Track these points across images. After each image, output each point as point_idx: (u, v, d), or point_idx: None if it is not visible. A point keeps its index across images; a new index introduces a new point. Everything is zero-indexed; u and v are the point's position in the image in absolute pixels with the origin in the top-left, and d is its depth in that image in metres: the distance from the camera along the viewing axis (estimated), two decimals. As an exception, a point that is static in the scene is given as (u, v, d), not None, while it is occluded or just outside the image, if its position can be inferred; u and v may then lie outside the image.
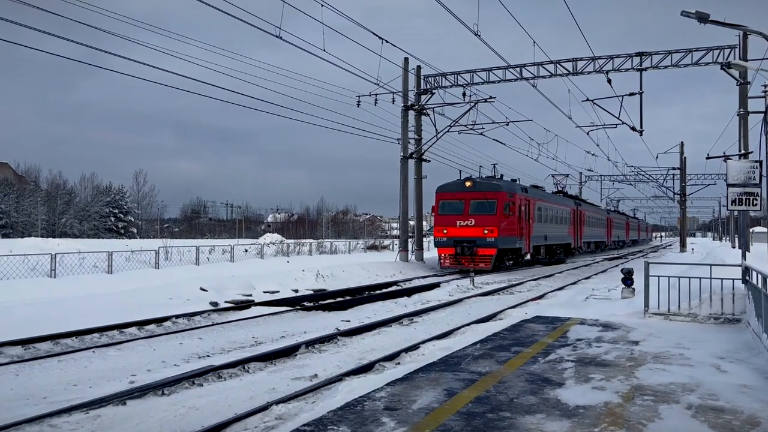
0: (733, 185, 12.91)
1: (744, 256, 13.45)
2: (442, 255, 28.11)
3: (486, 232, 27.06)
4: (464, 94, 29.65)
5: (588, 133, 33.24)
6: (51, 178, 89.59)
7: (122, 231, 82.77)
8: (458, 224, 27.77)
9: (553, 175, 47.42)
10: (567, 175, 47.85)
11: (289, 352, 10.11)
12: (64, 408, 6.85)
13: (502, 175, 31.43)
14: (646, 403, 5.92)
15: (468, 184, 28.38)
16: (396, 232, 74.82)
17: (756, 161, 13.74)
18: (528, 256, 32.07)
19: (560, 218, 38.88)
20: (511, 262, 29.88)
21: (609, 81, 26.67)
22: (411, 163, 31.32)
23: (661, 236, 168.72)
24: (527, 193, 31.48)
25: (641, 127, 28.22)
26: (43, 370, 8.92)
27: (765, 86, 25.99)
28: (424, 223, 38.05)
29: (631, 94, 27.12)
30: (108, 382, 8.22)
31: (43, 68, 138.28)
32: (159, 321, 13.03)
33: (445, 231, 27.95)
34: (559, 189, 46.11)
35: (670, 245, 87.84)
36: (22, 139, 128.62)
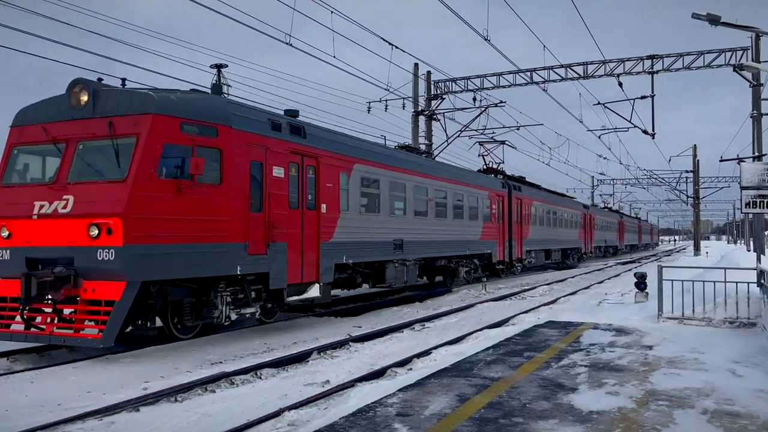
0: (747, 188, 12.79)
1: (759, 260, 13.32)
2: None
3: (96, 231, 9.69)
4: (474, 99, 29.60)
5: (599, 137, 33.10)
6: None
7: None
8: (38, 211, 10.25)
9: (480, 143, 29.75)
10: (503, 143, 29.67)
11: (301, 358, 10.12)
12: (78, 414, 6.90)
13: (223, 87, 14.96)
14: (660, 408, 5.88)
15: (82, 99, 10.57)
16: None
17: (770, 163, 13.61)
18: (314, 291, 13.48)
19: (459, 210, 21.61)
20: (237, 313, 11.82)
21: (620, 84, 26.54)
22: (421, 168, 31.13)
23: (674, 240, 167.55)
24: (319, 142, 13.82)
25: (653, 130, 28.07)
26: (57, 378, 8.98)
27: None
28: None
29: (643, 97, 26.98)
30: (121, 388, 8.26)
31: (55, 77, 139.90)
32: (172, 328, 13.06)
33: (5, 233, 10.46)
34: (491, 166, 29.46)
35: (684, 249, 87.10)
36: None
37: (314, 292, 13.53)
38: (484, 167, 29.11)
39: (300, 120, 13.71)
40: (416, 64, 29.62)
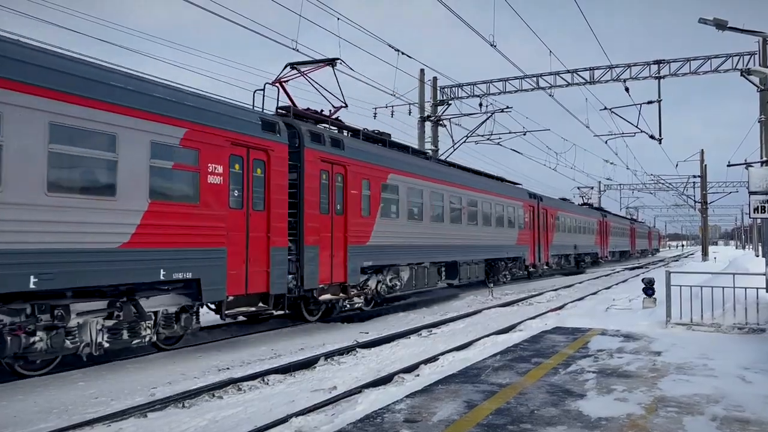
0: (755, 193, 12.72)
1: (768, 265, 13.24)
2: None
3: None
4: (481, 105, 29.62)
5: (606, 142, 33.08)
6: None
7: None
8: None
9: (292, 65, 14.84)
10: (332, 61, 15.21)
11: (308, 364, 10.12)
12: (86, 420, 6.92)
13: None
14: (669, 415, 5.84)
15: None
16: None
17: (778, 168, 13.54)
18: None
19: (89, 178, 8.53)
20: None
21: (627, 89, 26.51)
22: (428, 174, 31.08)
23: (682, 245, 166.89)
24: None
25: (660, 135, 28.00)
26: (66, 384, 9.01)
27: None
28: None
29: (650, 102, 26.94)
30: (129, 394, 8.28)
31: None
32: (179, 334, 13.11)
33: None
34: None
35: (692, 254, 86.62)
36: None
37: None
38: (291, 106, 14.39)
39: None
40: (422, 70, 29.65)
